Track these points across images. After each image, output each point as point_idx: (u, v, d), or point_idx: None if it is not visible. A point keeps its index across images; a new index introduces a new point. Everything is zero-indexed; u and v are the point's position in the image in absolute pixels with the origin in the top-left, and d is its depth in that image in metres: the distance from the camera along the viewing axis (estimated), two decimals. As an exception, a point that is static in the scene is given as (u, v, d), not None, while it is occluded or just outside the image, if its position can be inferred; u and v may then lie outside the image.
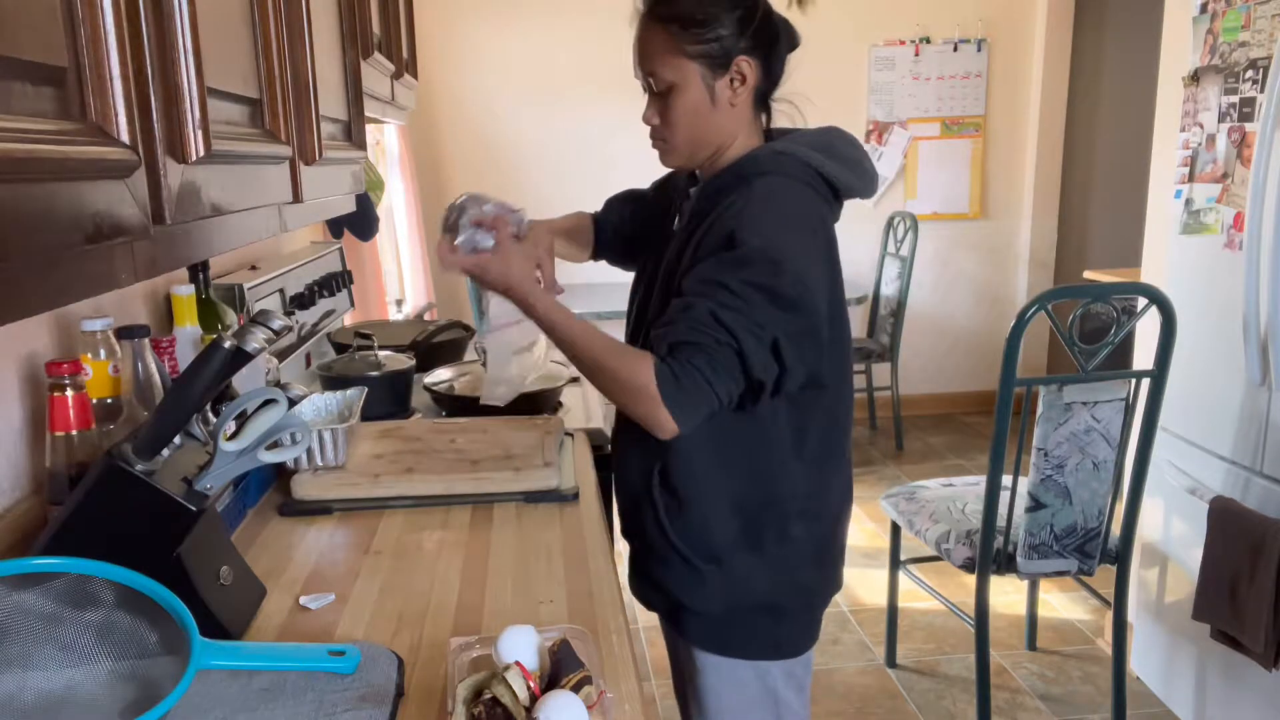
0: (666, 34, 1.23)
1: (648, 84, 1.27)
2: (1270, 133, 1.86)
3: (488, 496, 1.46)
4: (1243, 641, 1.93)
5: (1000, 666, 2.60)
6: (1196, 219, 2.17)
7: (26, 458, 1.17)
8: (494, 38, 4.40)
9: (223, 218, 0.82)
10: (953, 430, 4.71)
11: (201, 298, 1.53)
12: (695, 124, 1.26)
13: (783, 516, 1.31)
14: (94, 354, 1.17)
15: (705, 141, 1.28)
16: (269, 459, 1.04)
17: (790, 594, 1.35)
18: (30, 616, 0.84)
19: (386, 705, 0.90)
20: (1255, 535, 1.89)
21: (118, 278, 0.62)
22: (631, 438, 1.34)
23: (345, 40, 1.40)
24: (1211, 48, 2.10)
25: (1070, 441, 1.99)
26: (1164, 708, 2.35)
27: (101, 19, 0.59)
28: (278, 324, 1.01)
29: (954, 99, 4.67)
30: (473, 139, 4.48)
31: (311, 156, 1.08)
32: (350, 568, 1.25)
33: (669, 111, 1.26)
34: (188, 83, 0.70)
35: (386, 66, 1.93)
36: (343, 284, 2.45)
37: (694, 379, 1.18)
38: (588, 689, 0.86)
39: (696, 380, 1.18)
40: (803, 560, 1.34)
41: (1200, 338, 2.15)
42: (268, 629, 1.10)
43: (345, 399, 1.63)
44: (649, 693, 2.49)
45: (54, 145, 0.53)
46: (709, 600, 1.33)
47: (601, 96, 4.44)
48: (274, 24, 0.97)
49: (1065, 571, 2.12)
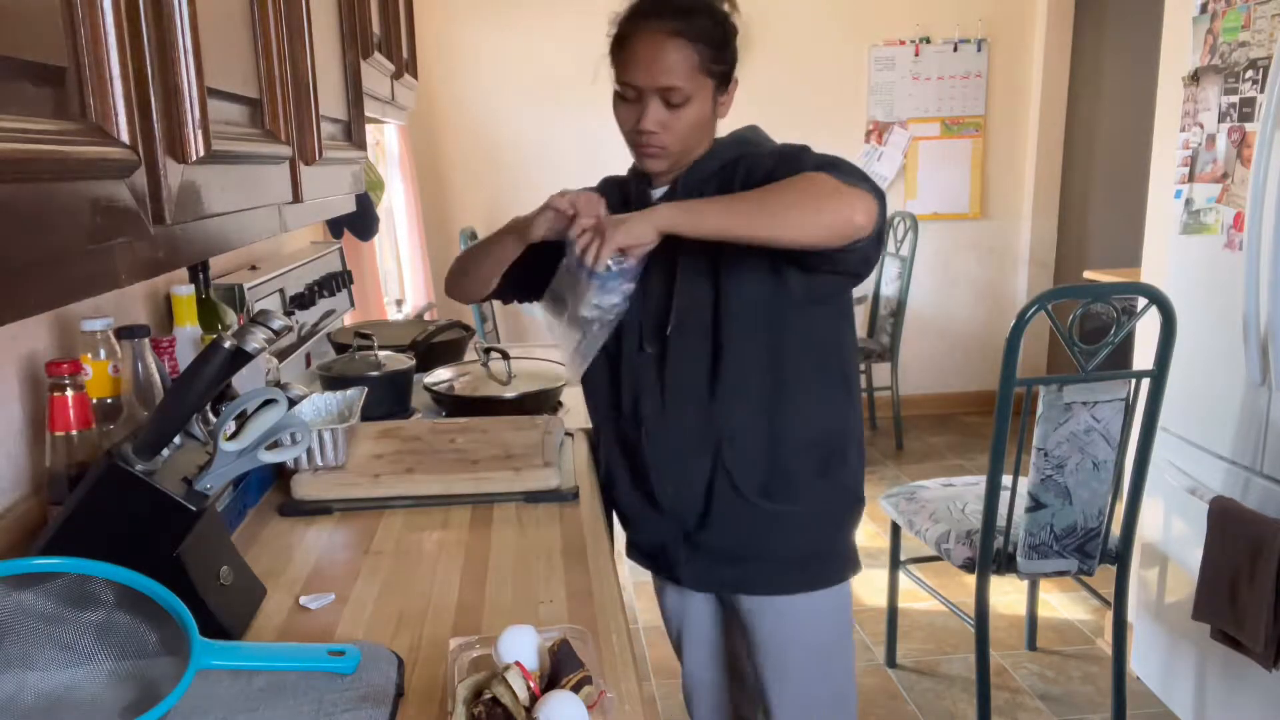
0: (693, 52, 1.28)
1: (663, 96, 1.29)
2: (1270, 133, 1.86)
3: (488, 496, 1.46)
4: (1243, 641, 1.93)
5: (1000, 666, 2.60)
6: (1196, 219, 2.17)
7: (26, 458, 1.17)
8: (494, 38, 4.40)
9: (223, 218, 0.82)
10: (953, 430, 4.71)
11: (201, 298, 1.54)
12: (696, 133, 1.34)
13: (844, 444, 1.43)
14: (94, 354, 1.17)
15: (696, 147, 1.37)
16: (269, 459, 1.04)
17: (852, 511, 1.48)
18: (30, 616, 0.84)
19: (386, 705, 0.90)
20: (1255, 535, 1.89)
21: (118, 278, 0.62)
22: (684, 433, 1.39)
23: (345, 40, 1.40)
24: (1211, 48, 2.10)
25: (1070, 441, 1.99)
26: (1164, 708, 2.35)
27: (101, 19, 0.59)
28: (278, 324, 1.01)
29: (954, 99, 4.67)
30: (473, 139, 4.48)
31: (311, 156, 1.08)
32: (350, 568, 1.25)
33: (677, 122, 1.31)
34: (188, 83, 0.70)
35: (386, 66, 1.93)
36: (343, 284, 2.45)
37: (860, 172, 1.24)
38: (588, 689, 0.86)
39: (861, 172, 1.24)
40: (856, 478, 1.48)
41: (1200, 338, 2.15)
42: (268, 629, 1.10)
43: (345, 399, 1.63)
44: (649, 693, 2.49)
45: (54, 145, 0.53)
46: (790, 541, 1.43)
47: (601, 96, 4.44)
48: (274, 24, 0.97)
49: (1065, 571, 2.12)
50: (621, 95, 1.33)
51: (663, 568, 1.55)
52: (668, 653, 2.78)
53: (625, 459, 1.49)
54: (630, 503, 1.51)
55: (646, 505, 1.48)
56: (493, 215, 4.52)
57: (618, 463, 1.51)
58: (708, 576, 1.49)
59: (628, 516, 1.55)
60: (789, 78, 4.46)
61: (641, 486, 1.48)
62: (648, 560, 1.57)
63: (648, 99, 1.30)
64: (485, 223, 4.50)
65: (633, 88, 1.30)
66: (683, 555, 1.48)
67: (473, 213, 4.49)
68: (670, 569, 1.52)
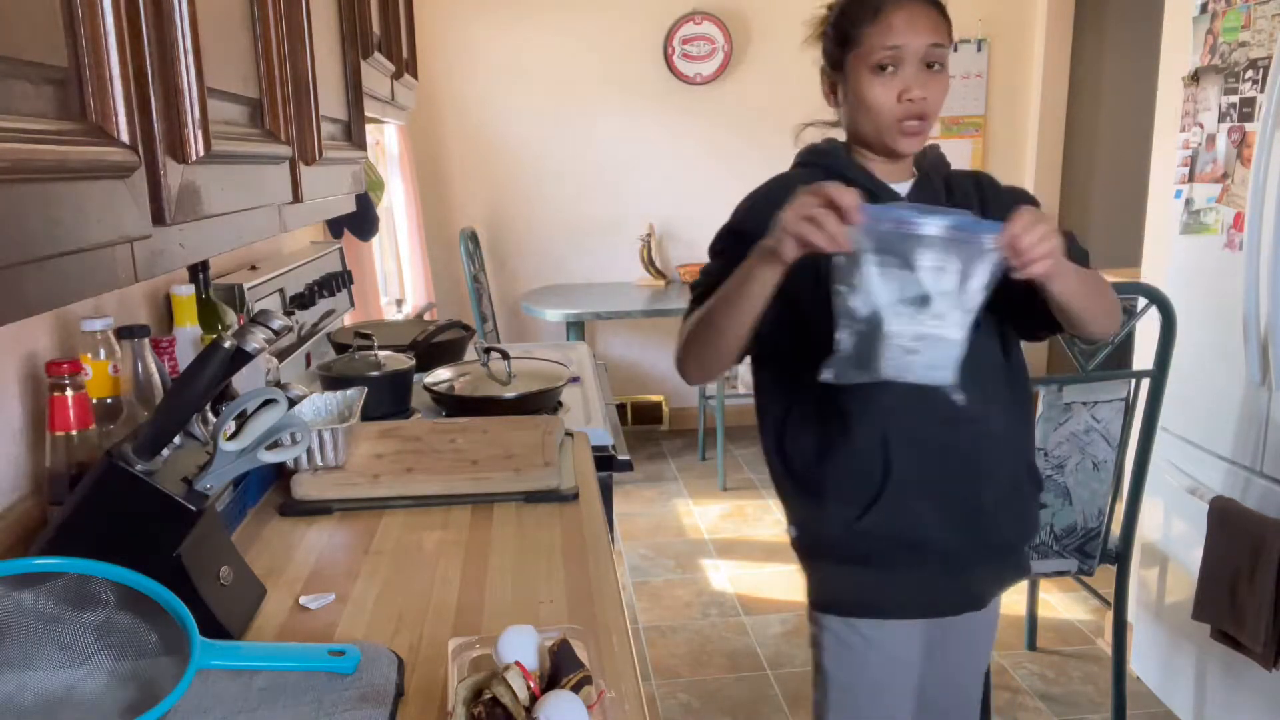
0: (943, 17, 1.27)
1: (926, 59, 1.24)
2: (1270, 133, 1.86)
3: (488, 496, 1.45)
4: (1243, 641, 1.93)
5: (1000, 666, 2.60)
6: (1196, 219, 2.17)
7: (26, 458, 1.17)
8: (494, 38, 4.40)
9: (223, 218, 0.82)
10: (953, 430, 4.70)
11: (201, 298, 1.53)
12: (940, 110, 1.30)
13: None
14: (94, 354, 1.17)
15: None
16: (269, 459, 1.04)
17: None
18: (30, 616, 0.84)
19: (386, 705, 0.90)
20: (1255, 535, 1.89)
21: (118, 278, 0.62)
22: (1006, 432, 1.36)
23: (345, 40, 1.40)
24: (1211, 48, 2.10)
25: (1070, 441, 1.99)
26: (1164, 708, 2.35)
27: (101, 19, 0.59)
28: (278, 324, 1.01)
29: (954, 99, 4.66)
30: (473, 139, 4.48)
31: (311, 156, 1.08)
32: (350, 568, 1.25)
33: (938, 89, 1.26)
34: (188, 83, 0.70)
35: (386, 66, 1.93)
36: (343, 284, 2.45)
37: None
38: (588, 689, 0.85)
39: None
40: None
41: (1200, 338, 2.14)
42: (268, 629, 1.10)
43: (345, 399, 1.63)
44: (649, 693, 2.49)
45: (54, 145, 0.53)
46: (1035, 527, 1.47)
47: (602, 96, 4.44)
48: (274, 24, 0.97)
49: (1065, 571, 2.12)
50: (874, 67, 1.24)
51: (935, 599, 1.40)
52: (668, 652, 2.79)
53: (935, 468, 1.32)
54: (922, 523, 1.32)
55: (948, 521, 1.33)
56: (493, 215, 4.52)
57: (914, 477, 1.31)
58: (994, 586, 1.46)
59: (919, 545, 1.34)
60: (789, 77, 4.46)
61: (953, 497, 1.33)
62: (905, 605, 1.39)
63: (906, 66, 1.24)
64: (485, 223, 4.50)
65: (894, 52, 1.23)
66: (972, 570, 1.39)
67: (473, 213, 4.49)
68: (948, 595, 1.40)
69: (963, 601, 1.42)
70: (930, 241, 1.01)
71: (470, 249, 4.09)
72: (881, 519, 1.31)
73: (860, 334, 1.05)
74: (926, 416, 1.27)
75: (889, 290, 1.03)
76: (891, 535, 1.32)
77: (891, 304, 1.03)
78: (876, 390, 1.16)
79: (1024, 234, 1.04)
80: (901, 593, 1.37)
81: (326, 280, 2.29)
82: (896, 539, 1.33)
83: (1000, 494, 1.36)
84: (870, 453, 1.30)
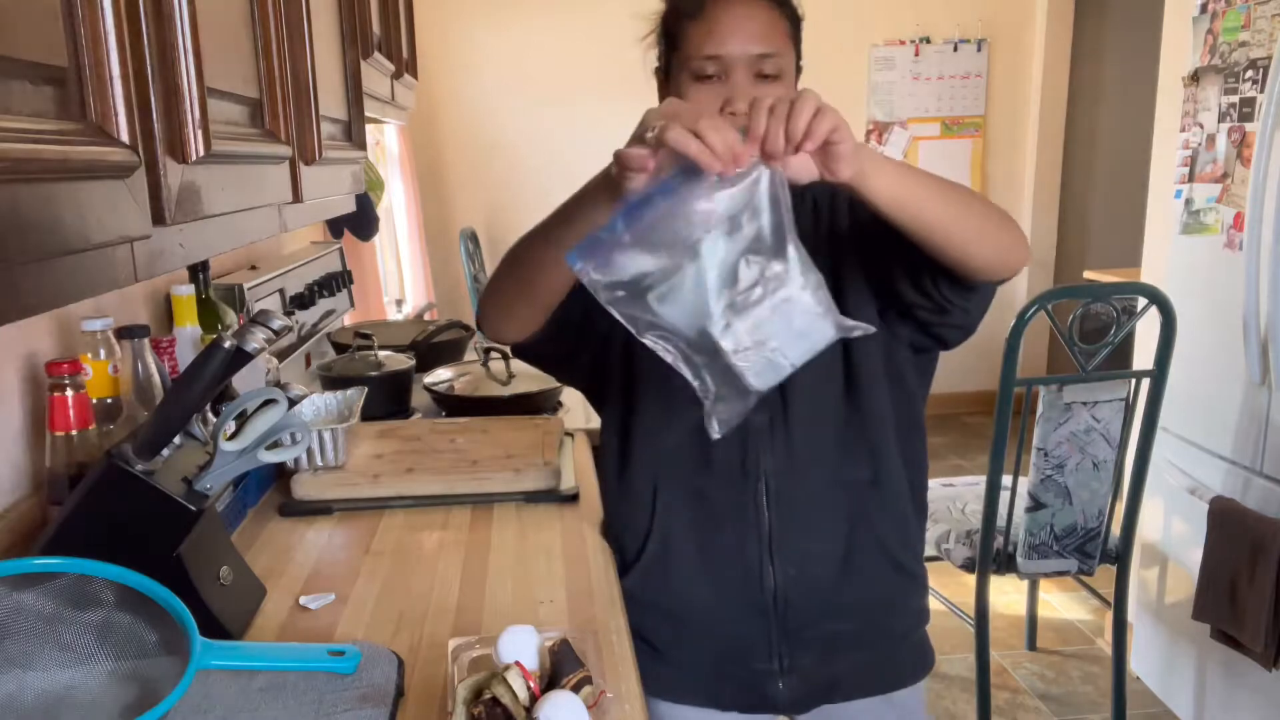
0: (781, 17, 1.09)
1: (755, 69, 1.06)
2: (1270, 133, 1.86)
3: (488, 496, 1.45)
4: (1243, 641, 1.93)
5: (1000, 666, 2.60)
6: (1196, 219, 2.17)
7: (26, 458, 1.17)
8: (494, 38, 4.40)
9: (223, 218, 0.82)
10: (953, 430, 4.71)
11: (201, 298, 1.53)
12: None
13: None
14: (94, 354, 1.17)
15: None
16: (269, 459, 1.04)
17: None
18: (30, 616, 0.84)
19: (386, 705, 0.90)
20: (1255, 535, 1.89)
21: (118, 278, 0.62)
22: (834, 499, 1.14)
23: (345, 40, 1.40)
24: (1211, 48, 2.10)
25: (1070, 441, 1.99)
26: (1164, 707, 2.35)
27: (101, 19, 0.59)
28: (278, 324, 1.01)
29: (954, 99, 4.67)
30: (473, 139, 4.48)
31: (311, 156, 1.08)
32: (350, 568, 1.25)
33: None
34: (188, 83, 0.70)
35: (386, 66, 1.93)
36: (343, 284, 2.45)
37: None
38: (588, 689, 0.85)
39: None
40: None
41: (1200, 338, 2.15)
42: (268, 629, 1.10)
43: (345, 399, 1.63)
44: (649, 693, 2.49)
45: (54, 145, 0.53)
46: (916, 613, 1.24)
47: (602, 96, 4.44)
48: (274, 24, 0.96)
49: (1065, 571, 2.12)
50: (697, 75, 1.07)
51: (734, 696, 1.19)
52: (668, 653, 2.79)
53: (709, 533, 1.15)
54: (697, 598, 1.16)
55: (731, 599, 1.15)
56: (493, 215, 4.51)
57: (688, 539, 1.15)
58: (817, 683, 1.18)
59: (684, 620, 1.18)
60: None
61: (732, 570, 1.14)
62: (702, 695, 1.19)
63: (734, 75, 1.06)
64: (485, 223, 4.50)
65: (716, 61, 1.06)
66: (783, 661, 1.16)
67: (473, 213, 4.49)
68: (749, 692, 1.18)
69: (754, 702, 1.18)
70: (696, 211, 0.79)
71: (470, 249, 4.09)
72: (642, 581, 1.17)
73: (705, 364, 0.83)
74: (699, 466, 1.11)
75: (691, 295, 0.81)
76: (655, 603, 1.18)
77: (700, 308, 0.81)
78: (656, 430, 1.10)
79: (772, 117, 0.83)
80: (679, 673, 1.19)
81: (326, 280, 2.29)
82: (660, 608, 1.18)
83: (808, 572, 1.13)
84: (641, 502, 1.16)
